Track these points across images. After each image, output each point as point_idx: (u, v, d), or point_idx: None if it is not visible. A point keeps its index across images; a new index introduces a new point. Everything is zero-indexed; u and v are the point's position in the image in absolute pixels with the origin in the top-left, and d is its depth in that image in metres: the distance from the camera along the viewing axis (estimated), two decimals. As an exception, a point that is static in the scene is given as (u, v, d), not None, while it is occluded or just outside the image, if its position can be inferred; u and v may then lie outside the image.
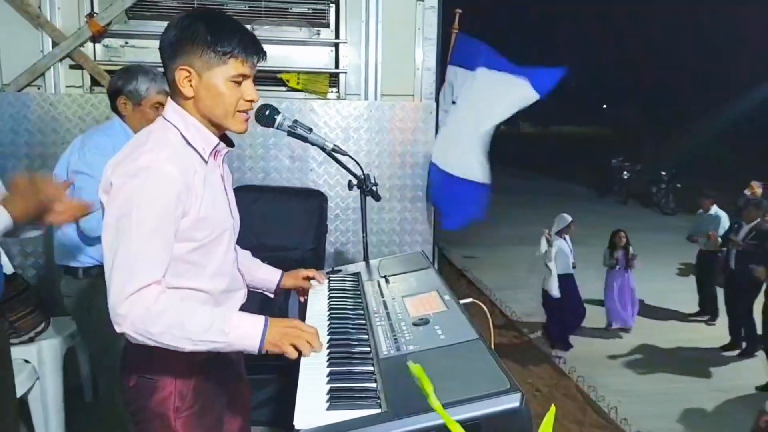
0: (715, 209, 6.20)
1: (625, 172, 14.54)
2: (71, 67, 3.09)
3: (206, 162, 1.37)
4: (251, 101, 1.37)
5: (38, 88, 3.08)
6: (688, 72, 18.91)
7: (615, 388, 4.58)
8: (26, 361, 2.58)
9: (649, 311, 6.39)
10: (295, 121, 1.65)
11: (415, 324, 1.40)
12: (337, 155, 1.75)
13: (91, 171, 2.13)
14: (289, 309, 2.70)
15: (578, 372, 4.79)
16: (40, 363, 2.64)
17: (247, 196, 2.96)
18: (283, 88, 3.25)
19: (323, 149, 1.70)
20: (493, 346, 1.31)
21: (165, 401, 1.36)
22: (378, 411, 1.07)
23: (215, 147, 1.39)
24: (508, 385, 1.04)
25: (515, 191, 14.18)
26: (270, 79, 3.21)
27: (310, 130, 1.66)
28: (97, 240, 2.20)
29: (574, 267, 5.42)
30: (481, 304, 1.58)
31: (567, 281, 5.35)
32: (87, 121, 3.05)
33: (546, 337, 5.55)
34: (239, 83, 1.33)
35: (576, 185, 17.43)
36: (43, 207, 1.57)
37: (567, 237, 5.37)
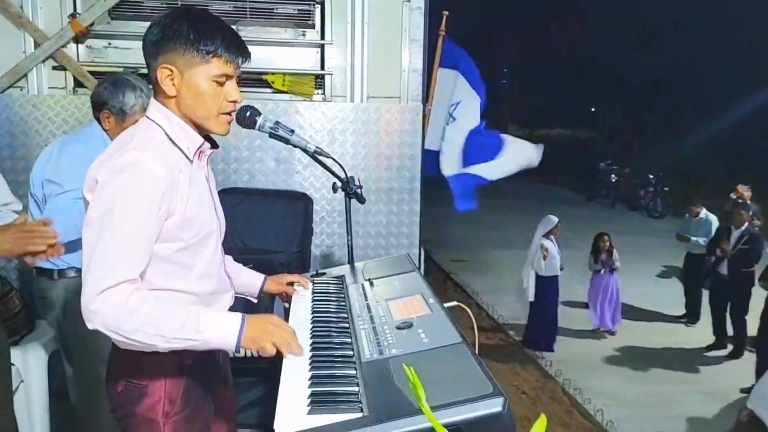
0: (704, 213, 6.23)
1: (613, 176, 14.66)
2: (54, 68, 3.05)
3: (191, 162, 1.36)
4: (234, 102, 1.36)
5: (21, 89, 3.03)
6: (678, 75, 19.06)
7: (601, 390, 4.61)
8: (12, 364, 2.54)
9: (635, 313, 6.45)
10: (277, 122, 1.63)
11: (398, 327, 1.39)
12: (320, 158, 1.74)
13: (62, 182, 2.14)
14: (274, 313, 2.69)
15: (564, 374, 4.81)
16: (25, 366, 2.61)
17: (232, 198, 2.94)
18: (269, 90, 3.23)
19: (305, 151, 1.68)
20: (476, 349, 1.30)
21: (154, 406, 1.34)
22: (359, 415, 1.06)
23: (200, 147, 1.38)
24: (491, 389, 1.04)
25: (502, 194, 14.21)
26: (255, 80, 3.18)
27: (292, 131, 1.65)
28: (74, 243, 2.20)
29: (561, 269, 5.44)
30: (465, 307, 1.57)
31: (552, 283, 5.38)
32: (70, 122, 3.01)
33: (525, 338, 5.56)
34: (222, 84, 1.32)
35: (563, 189, 17.55)
36: (27, 251, 1.64)
37: (554, 239, 5.40)
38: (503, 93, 26.44)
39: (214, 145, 1.44)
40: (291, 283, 1.81)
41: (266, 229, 2.91)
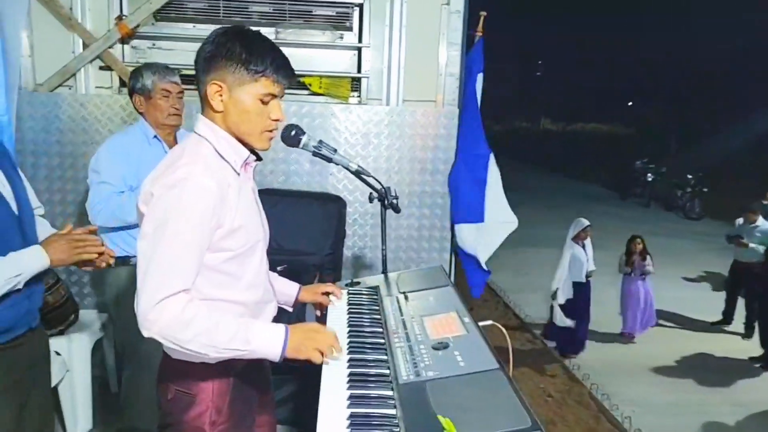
0: (761, 220, 5.88)
1: (649, 174, 14.24)
2: (101, 68, 3.15)
3: (238, 174, 1.41)
4: (277, 120, 1.40)
5: (69, 89, 3.14)
6: (720, 71, 18.39)
7: (630, 397, 4.54)
8: (57, 353, 2.66)
9: (668, 318, 6.30)
10: (320, 141, 1.67)
11: (434, 348, 1.41)
12: (362, 175, 1.77)
13: (101, 170, 2.36)
14: (306, 316, 2.73)
15: (592, 379, 4.76)
16: (69, 355, 2.74)
17: (268, 200, 2.95)
18: (305, 92, 3.27)
19: (348, 169, 1.71)
20: (511, 372, 1.31)
21: (202, 416, 1.40)
22: (396, 440, 1.09)
23: (245, 159, 1.42)
24: (529, 423, 1.04)
25: (533, 191, 14.05)
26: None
27: (335, 150, 1.68)
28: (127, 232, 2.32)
29: (589, 276, 5.34)
30: (500, 327, 1.58)
31: (579, 289, 5.30)
32: (115, 121, 3.11)
33: (546, 337, 5.50)
34: (267, 102, 1.36)
35: (597, 186, 17.20)
36: (78, 260, 1.75)
37: (584, 242, 5.31)
38: (538, 85, 26.02)
39: (258, 157, 1.48)
40: (326, 293, 1.84)
41: (300, 231, 2.95)
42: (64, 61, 3.09)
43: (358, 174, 1.74)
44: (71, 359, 2.73)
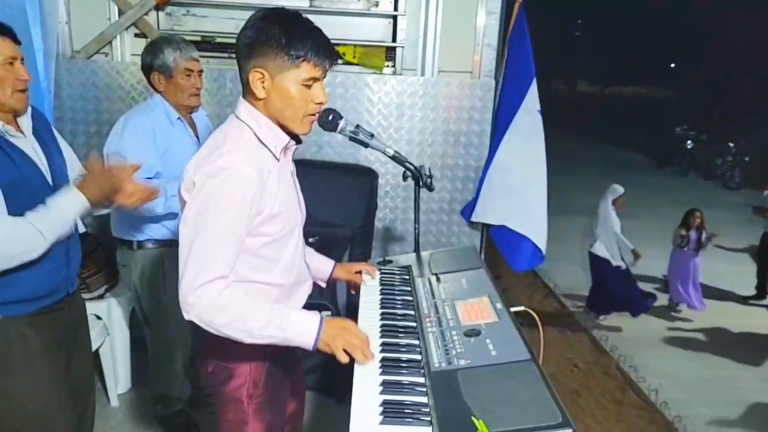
0: None
1: (689, 142, 13.79)
2: (136, 35, 3.15)
3: (278, 160, 1.41)
4: (320, 104, 1.39)
5: (105, 56, 3.16)
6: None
7: (658, 370, 4.51)
8: (98, 318, 2.77)
9: (703, 292, 6.20)
10: (357, 126, 1.66)
11: (466, 334, 1.42)
12: (398, 159, 1.77)
13: (127, 155, 2.21)
14: (338, 291, 2.78)
15: (620, 350, 4.74)
16: (109, 319, 2.84)
17: (300, 171, 2.96)
18: (339, 61, 3.22)
19: (385, 154, 1.71)
20: (541, 360, 1.32)
21: (240, 388, 1.47)
22: (428, 429, 1.11)
23: (286, 145, 1.43)
24: (559, 419, 1.05)
25: (568, 157, 13.72)
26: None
27: (372, 135, 1.67)
28: (153, 218, 2.32)
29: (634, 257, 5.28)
30: (533, 313, 1.57)
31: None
32: (150, 89, 3.13)
33: (589, 309, 5.48)
34: (309, 87, 1.35)
35: (633, 153, 16.74)
36: (114, 190, 1.73)
37: (615, 209, 5.21)
38: (575, 46, 25.09)
39: (298, 140, 1.48)
40: (359, 272, 1.87)
41: (332, 203, 2.96)
42: (101, 28, 3.10)
43: (394, 158, 1.74)
44: (111, 323, 2.84)
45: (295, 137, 1.46)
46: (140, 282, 2.49)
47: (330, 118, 1.64)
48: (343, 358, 1.33)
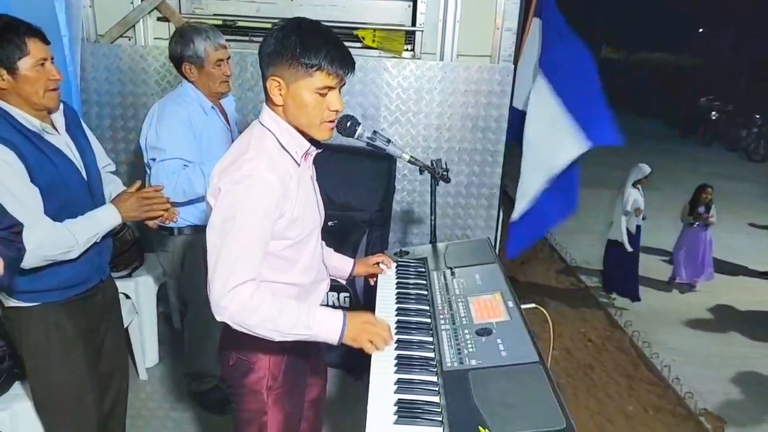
0: None
1: (714, 112, 13.48)
2: (159, 19, 3.20)
3: (299, 165, 1.47)
4: (336, 111, 1.44)
5: (129, 40, 3.21)
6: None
7: (671, 346, 4.54)
8: (127, 297, 2.90)
9: (719, 267, 6.03)
10: (375, 132, 1.71)
11: (478, 333, 1.49)
12: (414, 163, 1.82)
13: (164, 147, 2.31)
14: (356, 283, 2.87)
15: (634, 326, 4.77)
16: (137, 297, 2.97)
17: (320, 154, 3.04)
18: (358, 45, 3.23)
19: (401, 158, 1.76)
20: (549, 360, 1.39)
21: (260, 381, 1.57)
22: (439, 430, 1.20)
23: (306, 150, 1.49)
24: (563, 425, 1.11)
25: (588, 126, 13.47)
26: (345, 35, 3.17)
27: (389, 141, 1.71)
28: (191, 201, 2.42)
29: (644, 218, 5.26)
30: (544, 311, 1.64)
31: (635, 234, 5.25)
32: (173, 73, 3.17)
33: (606, 286, 5.51)
34: (324, 95, 1.40)
35: (656, 122, 16.38)
36: (146, 213, 1.95)
37: (640, 187, 5.19)
38: (598, 10, 24.26)
39: (319, 145, 1.54)
40: (377, 263, 1.95)
41: (351, 187, 3.01)
42: (124, 12, 3.15)
43: (410, 162, 1.79)
44: (139, 301, 2.97)
45: (316, 143, 1.52)
46: (181, 266, 2.60)
47: (348, 124, 1.70)
48: (370, 349, 1.44)
